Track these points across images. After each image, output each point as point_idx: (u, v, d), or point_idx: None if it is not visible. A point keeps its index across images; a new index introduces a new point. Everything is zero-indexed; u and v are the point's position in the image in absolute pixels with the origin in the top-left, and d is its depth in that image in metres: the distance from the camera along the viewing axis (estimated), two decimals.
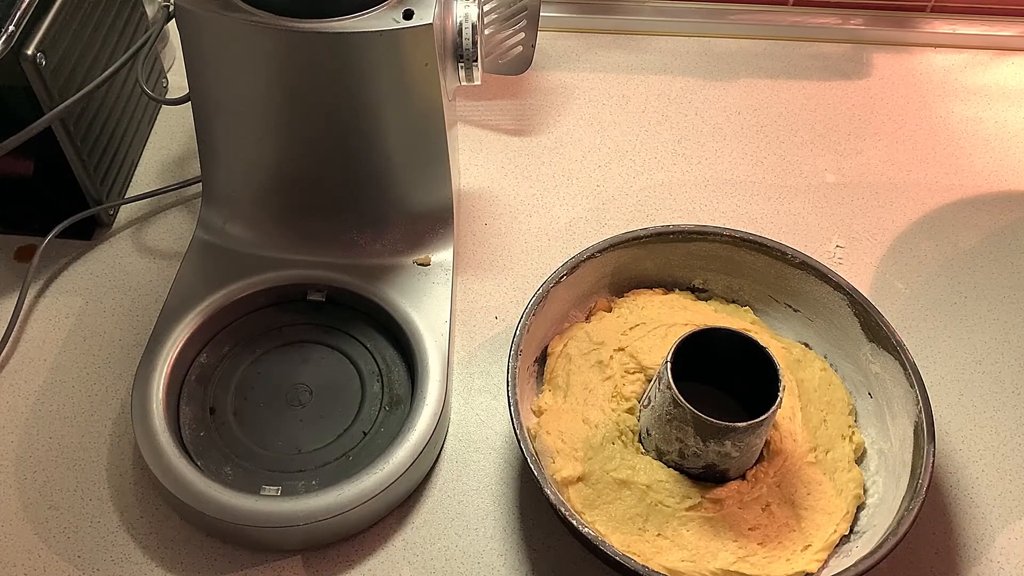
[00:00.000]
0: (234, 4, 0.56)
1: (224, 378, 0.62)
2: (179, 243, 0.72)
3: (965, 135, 0.83)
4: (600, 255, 0.63)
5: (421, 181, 0.66)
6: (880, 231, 0.75)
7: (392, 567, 0.57)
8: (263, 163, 0.65)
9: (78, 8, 0.64)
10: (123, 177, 0.75)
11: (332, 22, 0.55)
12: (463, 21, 0.60)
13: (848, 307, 0.61)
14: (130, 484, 0.59)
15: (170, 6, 0.66)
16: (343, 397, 0.62)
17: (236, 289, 0.64)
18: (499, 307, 0.69)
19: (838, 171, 0.79)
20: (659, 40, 0.90)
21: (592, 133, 0.82)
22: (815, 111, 0.84)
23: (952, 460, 0.62)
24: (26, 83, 0.61)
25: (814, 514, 0.55)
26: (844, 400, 0.61)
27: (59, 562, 0.56)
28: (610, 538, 0.54)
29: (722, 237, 0.64)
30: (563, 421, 0.59)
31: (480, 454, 0.62)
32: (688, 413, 0.52)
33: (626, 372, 0.60)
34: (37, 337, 0.66)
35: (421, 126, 0.62)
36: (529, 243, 0.73)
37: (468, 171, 0.78)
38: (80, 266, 0.70)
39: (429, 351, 0.61)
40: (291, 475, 0.58)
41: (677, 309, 0.64)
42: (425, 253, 0.67)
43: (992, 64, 0.89)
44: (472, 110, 0.83)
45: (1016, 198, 0.78)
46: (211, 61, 0.60)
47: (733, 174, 0.79)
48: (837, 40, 0.90)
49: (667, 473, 0.56)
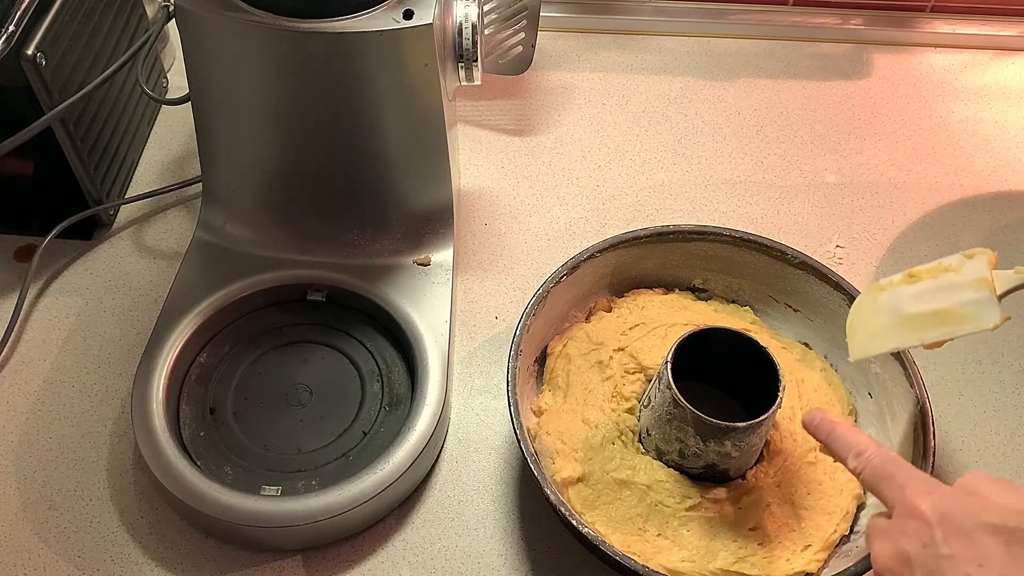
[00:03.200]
0: (234, 4, 0.56)
1: (224, 378, 0.62)
2: (179, 243, 0.72)
3: (965, 135, 0.83)
4: (600, 255, 0.63)
5: (421, 181, 0.66)
6: (880, 231, 0.75)
7: (392, 567, 0.57)
8: (263, 163, 0.65)
9: (78, 8, 0.64)
10: (123, 177, 0.75)
11: (332, 22, 0.55)
12: (463, 21, 0.60)
13: (848, 307, 0.61)
14: (130, 484, 0.59)
15: (170, 6, 0.66)
16: (343, 397, 0.61)
17: (236, 289, 0.64)
18: (499, 307, 0.69)
19: (838, 171, 0.79)
20: (659, 40, 0.90)
21: (592, 133, 0.82)
22: (815, 111, 0.84)
23: (952, 460, 0.62)
24: (26, 83, 0.61)
25: (814, 514, 0.55)
26: (844, 400, 0.61)
27: (59, 562, 0.56)
28: (610, 538, 0.54)
29: (722, 237, 0.64)
30: (563, 421, 0.59)
31: (480, 454, 0.62)
32: (688, 413, 0.52)
33: (626, 372, 0.60)
34: (37, 337, 0.66)
35: (421, 126, 0.62)
36: (529, 243, 0.73)
37: (468, 171, 0.78)
38: (80, 266, 0.70)
39: (429, 351, 0.61)
40: (291, 475, 0.58)
41: (677, 309, 0.64)
42: (425, 253, 0.67)
43: (992, 64, 0.89)
44: (472, 110, 0.83)
45: (1016, 198, 0.78)
46: (211, 61, 0.60)
47: (733, 174, 0.79)
48: (837, 40, 0.90)
49: (667, 473, 0.56)
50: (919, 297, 0.48)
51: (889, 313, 0.49)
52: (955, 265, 0.47)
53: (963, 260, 0.47)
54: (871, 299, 0.51)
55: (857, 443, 0.46)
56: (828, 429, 0.48)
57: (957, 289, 0.47)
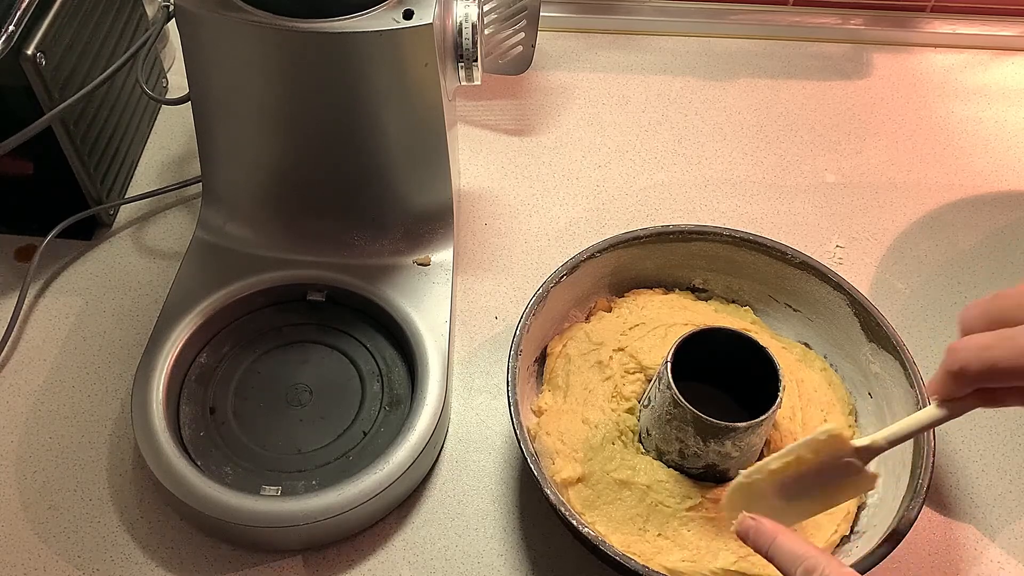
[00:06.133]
0: (234, 4, 0.56)
1: (224, 378, 0.62)
2: (179, 243, 0.72)
3: (965, 135, 0.83)
4: (600, 255, 0.63)
5: (421, 181, 0.66)
6: (880, 231, 0.75)
7: (392, 567, 0.57)
8: (263, 163, 0.65)
9: (78, 8, 0.64)
10: (123, 177, 0.75)
11: (332, 22, 0.55)
12: (463, 21, 0.60)
13: (848, 307, 0.61)
14: (130, 484, 0.59)
15: (170, 6, 0.66)
16: (343, 397, 0.62)
17: (236, 289, 0.64)
18: (499, 307, 0.69)
19: (838, 171, 0.79)
20: (659, 40, 0.90)
21: (592, 133, 0.82)
22: (815, 111, 0.84)
23: (952, 460, 0.62)
24: (26, 83, 0.61)
25: None
26: (844, 400, 0.61)
27: (59, 562, 0.56)
28: (610, 538, 0.54)
29: (722, 237, 0.64)
30: (563, 421, 0.59)
31: (480, 454, 0.62)
32: (688, 413, 0.52)
33: (626, 372, 0.60)
34: (37, 337, 0.66)
35: (421, 126, 0.62)
36: (529, 243, 0.73)
37: (468, 171, 0.78)
38: (80, 266, 0.70)
39: (429, 351, 0.61)
40: (291, 475, 0.58)
41: (677, 309, 0.64)
42: (425, 253, 0.67)
43: (992, 64, 0.89)
44: (472, 110, 0.83)
45: (1016, 198, 0.78)
46: (211, 61, 0.60)
47: (733, 174, 0.79)
48: (837, 40, 0.90)
49: (667, 473, 0.56)
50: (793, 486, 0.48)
51: (770, 501, 0.48)
52: (811, 448, 0.46)
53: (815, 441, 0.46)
54: (742, 492, 0.49)
55: (806, 555, 0.42)
56: (767, 539, 0.44)
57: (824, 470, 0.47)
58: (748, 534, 0.46)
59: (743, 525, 0.46)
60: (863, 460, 0.46)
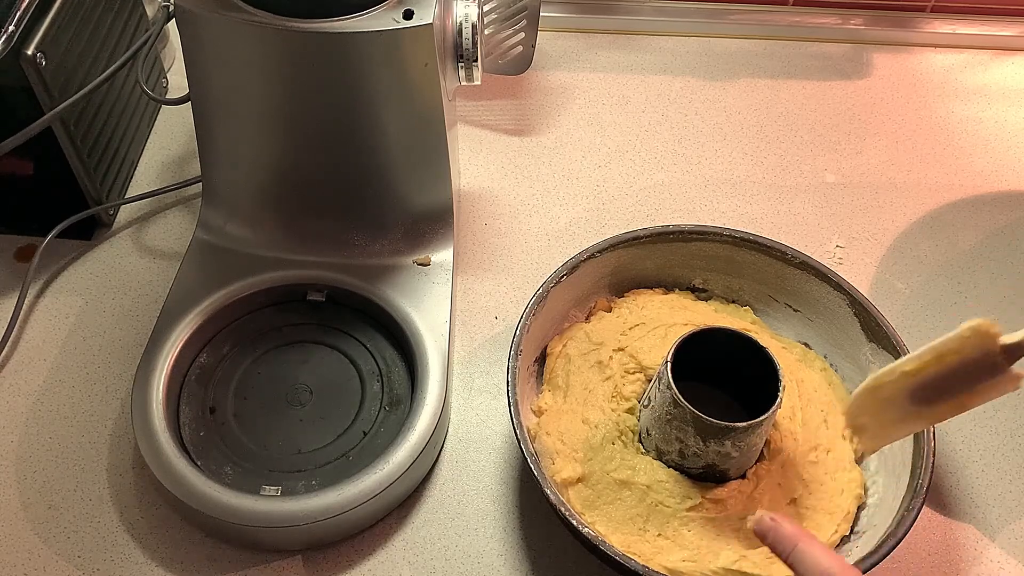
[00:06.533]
0: (234, 4, 0.56)
1: (224, 378, 0.62)
2: (179, 243, 0.72)
3: (965, 135, 0.83)
4: (600, 255, 0.63)
5: (421, 181, 0.66)
6: (880, 231, 0.75)
7: (392, 567, 0.57)
8: (263, 163, 0.65)
9: (78, 8, 0.64)
10: (123, 177, 0.75)
11: (332, 22, 0.55)
12: (463, 21, 0.60)
13: (848, 307, 0.61)
14: (130, 484, 0.59)
15: (170, 6, 0.66)
16: (343, 397, 0.61)
17: (236, 289, 0.64)
18: (499, 307, 0.69)
19: (838, 171, 0.79)
20: (659, 40, 0.90)
21: (592, 133, 0.82)
22: (815, 111, 0.84)
23: (952, 460, 0.62)
24: (26, 83, 0.61)
25: (814, 514, 0.55)
26: (844, 400, 0.61)
27: (59, 562, 0.56)
28: (610, 538, 0.54)
29: (722, 237, 0.64)
30: (563, 421, 0.59)
31: (480, 454, 0.62)
32: (688, 413, 0.52)
33: (626, 372, 0.60)
34: (37, 337, 0.66)
35: (421, 126, 0.62)
36: (529, 243, 0.73)
37: (468, 171, 0.78)
38: (80, 266, 0.70)
39: (429, 351, 0.61)
40: (291, 475, 0.58)
41: (677, 309, 0.64)
42: (425, 253, 0.67)
43: (992, 64, 0.89)
44: (472, 110, 0.83)
45: (1016, 198, 0.78)
46: (211, 61, 0.60)
47: (733, 174, 0.79)
48: (837, 40, 0.90)
49: (667, 473, 0.56)
50: (929, 388, 0.46)
51: (901, 405, 0.47)
52: (953, 346, 0.44)
53: (960, 337, 0.44)
54: (871, 396, 0.48)
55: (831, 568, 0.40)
56: (788, 544, 0.42)
57: (966, 369, 0.44)
58: (767, 535, 0.43)
59: (762, 524, 0.44)
60: (1008, 360, 0.43)
